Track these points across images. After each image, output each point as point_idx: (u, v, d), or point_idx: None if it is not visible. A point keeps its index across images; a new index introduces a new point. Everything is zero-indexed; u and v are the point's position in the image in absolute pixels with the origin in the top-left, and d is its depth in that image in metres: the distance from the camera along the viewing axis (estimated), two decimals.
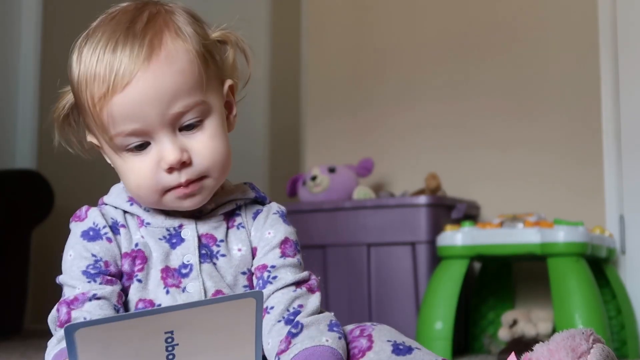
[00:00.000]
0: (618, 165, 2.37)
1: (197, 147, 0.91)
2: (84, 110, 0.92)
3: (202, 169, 0.92)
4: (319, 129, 2.91)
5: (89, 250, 0.93)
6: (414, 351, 0.89)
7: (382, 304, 2.34)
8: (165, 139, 0.90)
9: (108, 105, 0.88)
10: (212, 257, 0.95)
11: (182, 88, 0.90)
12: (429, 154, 2.68)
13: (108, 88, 0.88)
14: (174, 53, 0.90)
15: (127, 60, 0.88)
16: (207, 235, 0.96)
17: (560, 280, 1.99)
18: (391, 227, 2.34)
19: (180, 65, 0.90)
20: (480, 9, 2.69)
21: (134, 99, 0.88)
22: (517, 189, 2.52)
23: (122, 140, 0.90)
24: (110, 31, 0.91)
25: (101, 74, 0.89)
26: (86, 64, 0.91)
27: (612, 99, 2.40)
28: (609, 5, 2.42)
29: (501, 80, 2.61)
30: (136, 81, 0.88)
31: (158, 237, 0.95)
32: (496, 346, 2.24)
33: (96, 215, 0.96)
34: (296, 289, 0.94)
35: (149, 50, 0.89)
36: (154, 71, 0.89)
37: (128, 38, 0.90)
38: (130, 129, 0.89)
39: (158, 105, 0.89)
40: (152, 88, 0.88)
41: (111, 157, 0.95)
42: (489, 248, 2.12)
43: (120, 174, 0.95)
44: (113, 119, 0.89)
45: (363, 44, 2.89)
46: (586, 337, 0.83)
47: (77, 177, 3.10)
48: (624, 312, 2.20)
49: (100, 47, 0.90)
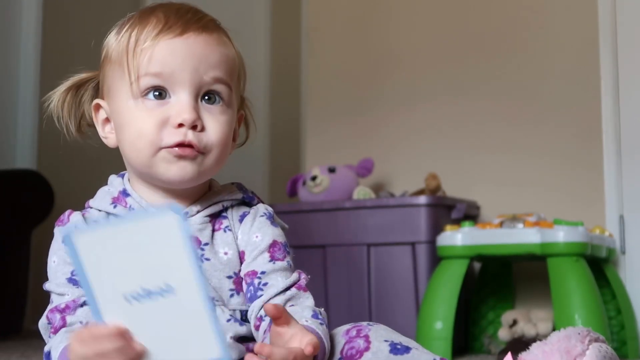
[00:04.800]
0: (618, 165, 2.37)
1: (210, 123, 0.93)
2: (119, 57, 0.94)
3: (208, 141, 0.92)
4: (319, 129, 2.91)
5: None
6: (411, 350, 0.88)
7: (382, 304, 2.34)
8: (187, 97, 0.91)
9: (150, 48, 0.91)
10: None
11: (222, 66, 0.94)
12: (429, 154, 2.68)
13: (158, 33, 0.91)
14: (224, 40, 0.96)
15: (184, 21, 0.92)
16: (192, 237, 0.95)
17: (560, 280, 1.99)
18: (391, 227, 2.34)
19: (227, 52, 0.96)
20: (481, 12, 2.69)
21: (178, 48, 0.91)
22: (517, 189, 2.52)
23: (146, 81, 0.91)
24: (169, 4, 0.96)
25: (155, 24, 0.92)
26: (137, 21, 0.94)
27: (612, 99, 2.40)
28: (609, 5, 2.42)
29: (501, 80, 2.61)
30: (186, 37, 0.92)
31: None
32: (496, 346, 2.24)
33: (78, 220, 0.95)
34: (286, 292, 0.94)
35: (205, 25, 0.94)
36: (204, 39, 0.93)
37: (189, 11, 0.95)
38: (159, 71, 0.91)
39: (196, 63, 0.91)
40: (199, 48, 0.92)
41: (121, 106, 0.94)
42: (489, 248, 2.12)
43: (124, 126, 0.94)
44: (150, 59, 0.91)
45: (363, 44, 2.88)
46: (582, 338, 0.83)
47: (77, 177, 3.10)
48: (624, 312, 2.20)
49: (158, 9, 0.94)
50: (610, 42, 2.41)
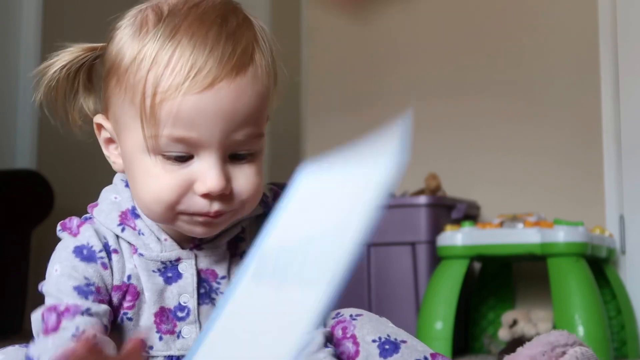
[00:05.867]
0: (618, 165, 2.37)
1: (241, 181, 0.80)
2: (133, 91, 0.78)
3: (238, 204, 0.80)
4: (319, 129, 2.91)
5: (80, 271, 0.81)
6: (400, 349, 0.84)
7: (382, 304, 2.33)
8: (213, 161, 0.77)
9: (173, 101, 0.75)
10: (212, 293, 0.84)
11: (254, 114, 0.79)
12: (429, 154, 2.68)
13: (183, 81, 0.75)
14: (259, 72, 0.79)
15: (216, 63, 0.76)
16: (207, 270, 0.85)
17: (560, 281, 1.99)
18: (391, 227, 2.34)
19: (260, 88, 0.79)
20: (481, 12, 2.68)
21: (207, 107, 0.75)
22: (517, 189, 2.52)
23: (167, 145, 0.77)
24: (198, 21, 0.78)
25: (180, 63, 0.76)
26: (159, 44, 0.77)
27: (612, 99, 2.40)
28: (609, 5, 2.42)
29: (501, 80, 2.61)
30: (218, 89, 0.76)
31: (152, 270, 0.83)
32: (496, 346, 2.24)
33: (91, 234, 0.83)
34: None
35: (241, 61, 0.77)
36: (238, 85, 0.77)
37: (221, 37, 0.77)
38: (183, 136, 0.76)
39: (227, 124, 0.77)
40: (230, 103, 0.76)
41: (133, 155, 0.80)
42: (489, 248, 2.12)
43: (138, 177, 0.81)
44: (172, 117, 0.75)
45: (363, 44, 2.88)
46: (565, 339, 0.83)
47: (77, 177, 3.10)
48: (624, 312, 2.20)
49: (183, 33, 0.77)
50: (610, 42, 2.41)
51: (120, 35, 0.82)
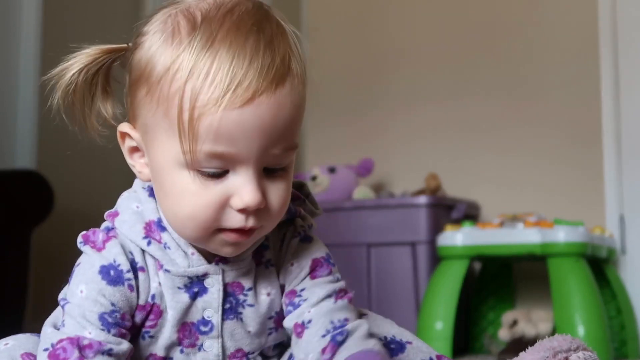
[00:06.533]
0: (618, 165, 2.37)
1: (275, 195, 0.77)
2: (167, 103, 0.73)
3: (270, 218, 0.77)
4: (319, 129, 2.91)
5: (107, 296, 0.77)
6: (406, 349, 0.84)
7: (382, 304, 2.33)
8: (250, 175, 0.74)
9: (213, 115, 0.71)
10: (238, 307, 0.82)
11: (292, 127, 0.75)
12: (429, 154, 2.68)
13: (223, 95, 0.71)
14: (296, 83, 0.75)
15: (256, 75, 0.72)
16: (234, 283, 0.82)
17: (560, 281, 1.99)
18: (391, 227, 2.34)
19: (298, 99, 0.75)
20: (481, 12, 2.69)
21: (248, 122, 0.71)
22: (517, 189, 2.52)
23: (205, 160, 0.73)
24: (234, 28, 0.74)
25: (219, 76, 0.71)
26: (195, 55, 0.72)
27: (612, 100, 2.40)
28: (609, 6, 2.42)
29: (501, 81, 2.61)
30: (259, 102, 0.72)
31: (177, 286, 0.80)
32: (496, 346, 2.24)
33: (118, 252, 0.79)
34: (336, 300, 0.83)
35: (281, 72, 0.73)
36: (278, 98, 0.73)
37: (259, 46, 0.73)
38: (221, 152, 0.72)
39: (266, 139, 0.73)
40: (271, 117, 0.72)
41: (165, 169, 0.76)
42: (489, 248, 2.12)
43: (170, 193, 0.76)
44: (211, 133, 0.71)
45: (363, 44, 2.88)
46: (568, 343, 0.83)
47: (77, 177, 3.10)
48: (624, 312, 2.20)
49: (221, 42, 0.72)
50: (610, 42, 2.41)
51: (149, 43, 0.76)
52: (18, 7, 3.26)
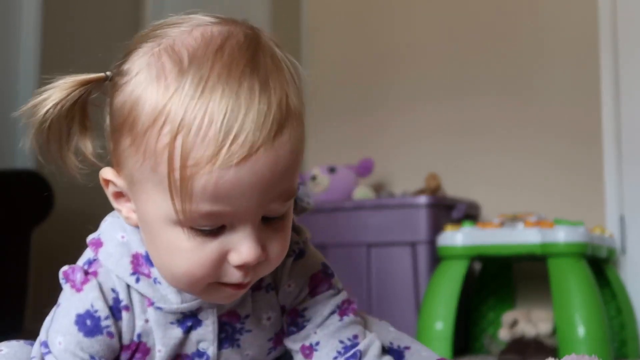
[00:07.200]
0: (618, 165, 2.37)
1: (275, 246, 0.71)
2: (155, 158, 0.66)
3: (270, 267, 0.72)
4: (319, 129, 2.91)
5: (85, 349, 0.73)
6: (404, 357, 0.82)
7: (382, 304, 2.33)
8: (248, 231, 0.68)
9: (207, 175, 0.64)
10: (235, 334, 0.78)
11: (291, 176, 0.69)
12: (429, 154, 2.68)
13: (218, 152, 0.64)
14: (295, 125, 0.68)
15: (253, 127, 0.64)
16: (229, 312, 0.78)
17: (560, 281, 1.99)
18: (391, 227, 2.34)
19: (297, 144, 0.68)
20: (482, 13, 2.69)
21: (245, 179, 0.65)
22: (517, 189, 2.52)
23: (199, 220, 0.67)
24: (226, 71, 0.66)
25: (212, 130, 0.64)
26: (185, 104, 0.65)
27: (612, 99, 2.40)
28: (609, 5, 2.42)
29: (501, 80, 2.61)
30: (256, 158, 0.64)
31: (169, 322, 0.76)
32: (496, 346, 2.24)
33: (95, 296, 0.73)
34: (341, 316, 0.80)
35: (278, 120, 0.66)
36: (277, 150, 0.66)
37: (254, 92, 0.65)
38: (217, 210, 0.66)
39: (264, 194, 0.67)
40: (268, 171, 0.66)
41: (156, 224, 0.70)
42: (489, 248, 2.12)
43: (163, 249, 0.71)
44: (205, 194, 0.65)
45: (363, 44, 2.88)
46: None
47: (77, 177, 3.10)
48: (624, 312, 2.20)
49: (212, 89, 0.65)
50: (610, 42, 2.41)
51: (132, 86, 0.69)
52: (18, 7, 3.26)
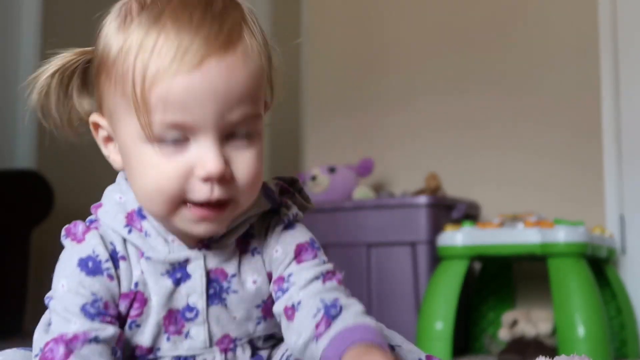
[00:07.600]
0: (618, 165, 2.37)
1: (241, 165, 0.77)
2: (122, 82, 0.76)
3: (239, 190, 0.78)
4: (319, 129, 2.91)
5: (87, 287, 0.78)
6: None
7: (382, 304, 2.33)
8: (210, 143, 0.75)
9: (163, 84, 0.73)
10: (222, 293, 0.82)
11: (249, 93, 0.76)
12: (429, 154, 2.68)
13: (171, 63, 0.73)
14: (250, 51, 0.77)
15: (202, 41, 0.73)
16: (217, 270, 0.82)
17: (560, 281, 1.99)
18: (391, 227, 2.34)
19: (253, 68, 0.77)
20: (481, 10, 2.68)
21: (198, 87, 0.73)
22: (517, 189, 2.52)
23: (162, 131, 0.75)
24: (182, 5, 0.75)
25: (166, 45, 0.73)
26: (143, 31, 0.75)
27: (612, 99, 2.40)
28: (609, 5, 2.42)
29: (501, 80, 2.61)
30: (208, 67, 0.73)
31: (160, 273, 0.81)
32: (496, 346, 2.24)
33: (97, 242, 0.80)
34: (324, 281, 0.83)
35: (229, 38, 0.75)
36: (229, 63, 0.74)
37: (206, 15, 0.75)
38: (177, 119, 0.74)
39: (221, 104, 0.74)
40: (223, 82, 0.74)
41: (130, 147, 0.78)
42: (489, 248, 2.12)
43: (136, 169, 0.78)
44: (163, 102, 0.73)
45: (363, 44, 2.88)
46: None
47: (77, 177, 3.10)
48: (624, 312, 2.20)
49: (167, 17, 0.75)
50: (610, 41, 2.41)
51: (106, 30, 0.80)
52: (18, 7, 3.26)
